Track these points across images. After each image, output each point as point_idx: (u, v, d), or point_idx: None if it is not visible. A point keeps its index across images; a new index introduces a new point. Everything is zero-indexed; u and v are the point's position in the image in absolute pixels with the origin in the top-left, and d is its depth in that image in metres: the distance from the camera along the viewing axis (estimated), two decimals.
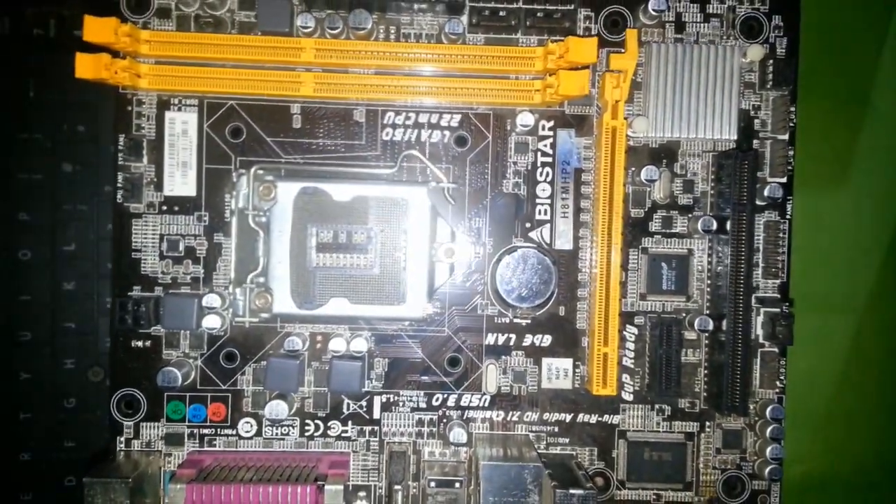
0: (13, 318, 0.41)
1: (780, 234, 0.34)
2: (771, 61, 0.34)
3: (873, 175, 0.51)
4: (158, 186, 0.34)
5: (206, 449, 0.34)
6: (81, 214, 0.41)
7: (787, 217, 0.34)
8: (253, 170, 0.34)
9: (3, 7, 0.40)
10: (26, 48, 0.40)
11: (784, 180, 0.34)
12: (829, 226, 0.50)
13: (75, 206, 0.41)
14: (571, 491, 0.30)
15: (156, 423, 0.34)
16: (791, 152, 0.34)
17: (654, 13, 0.33)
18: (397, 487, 0.33)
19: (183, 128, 0.34)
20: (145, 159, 0.34)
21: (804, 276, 0.48)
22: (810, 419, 0.50)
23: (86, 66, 0.31)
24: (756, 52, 0.34)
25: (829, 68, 0.49)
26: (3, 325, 0.41)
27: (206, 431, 0.34)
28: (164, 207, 0.34)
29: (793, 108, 0.34)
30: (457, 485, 0.32)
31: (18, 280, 0.41)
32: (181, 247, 0.34)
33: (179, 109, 0.34)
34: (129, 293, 0.34)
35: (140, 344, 0.34)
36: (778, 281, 0.34)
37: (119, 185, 0.34)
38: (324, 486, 0.31)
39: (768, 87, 0.34)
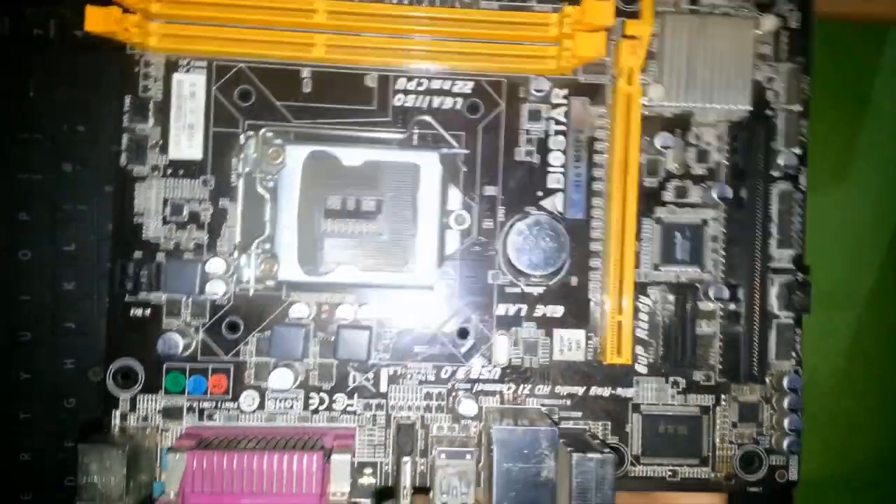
0: (13, 318, 0.41)
1: (796, 205, 0.34)
2: (786, 35, 0.34)
3: (875, 173, 0.52)
4: (164, 149, 0.33)
5: (205, 424, 0.33)
6: (81, 214, 0.41)
7: (802, 188, 0.34)
8: (261, 133, 0.33)
9: (3, 7, 0.40)
10: (26, 48, 0.41)
11: (799, 151, 0.34)
12: (831, 224, 0.50)
13: (75, 206, 0.41)
14: (589, 455, 0.29)
15: (154, 396, 0.33)
16: (804, 123, 0.34)
17: None
18: (405, 459, 0.32)
19: (191, 90, 0.33)
20: (151, 121, 0.33)
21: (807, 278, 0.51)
22: (811, 418, 0.48)
23: (96, 19, 0.31)
24: (769, 23, 0.34)
25: (833, 70, 0.50)
26: (3, 325, 0.41)
27: (205, 405, 0.33)
28: (169, 171, 0.33)
29: (806, 80, 0.34)
30: (467, 456, 0.31)
31: (18, 280, 0.41)
32: (185, 211, 0.33)
33: (188, 71, 0.33)
34: (128, 258, 0.33)
35: (139, 313, 0.33)
36: (793, 251, 0.34)
37: (123, 147, 0.33)
38: (331, 454, 0.30)
39: (784, 58, 0.34)
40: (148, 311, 0.33)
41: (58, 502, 0.41)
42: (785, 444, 0.34)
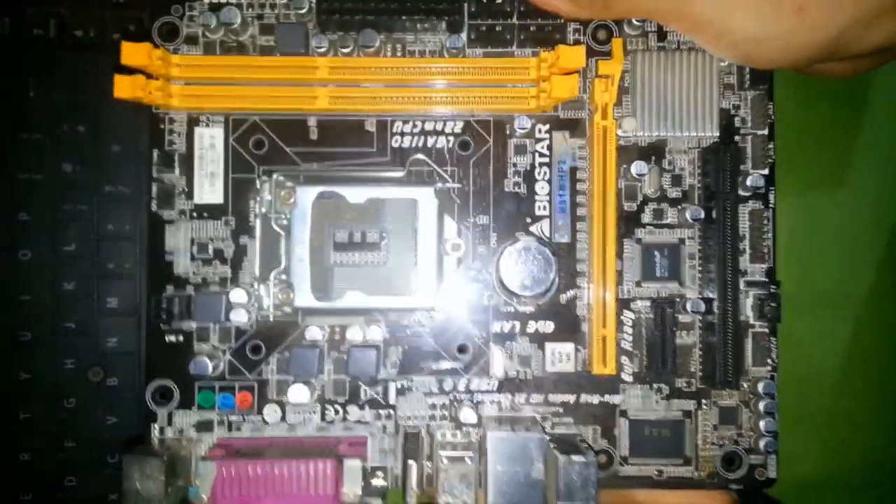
0: (13, 318, 0.40)
1: (765, 222, 0.37)
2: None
3: (872, 176, 0.51)
4: (189, 195, 0.37)
5: (234, 434, 0.37)
6: (81, 214, 0.41)
7: (771, 206, 0.37)
8: (274, 177, 0.37)
9: (3, 7, 0.40)
10: (26, 48, 0.40)
11: (766, 171, 0.37)
12: (829, 226, 0.51)
13: (75, 206, 0.41)
14: (573, 457, 0.32)
15: (188, 411, 0.37)
16: (771, 146, 0.37)
17: (636, 24, 0.36)
18: (411, 463, 0.35)
19: (211, 142, 0.37)
20: (177, 170, 0.37)
21: (805, 277, 0.50)
22: (810, 419, 0.50)
23: (123, 87, 0.34)
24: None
25: None
26: (3, 325, 0.40)
27: (233, 418, 0.37)
28: (195, 214, 0.37)
29: (770, 105, 0.37)
30: (467, 460, 0.34)
31: (18, 280, 0.40)
32: (210, 249, 0.37)
33: (207, 125, 0.37)
34: (164, 293, 0.37)
35: (173, 338, 0.37)
36: (765, 265, 0.37)
37: (153, 195, 0.37)
38: (343, 461, 0.34)
39: (746, 86, 0.37)
40: (181, 338, 0.37)
41: (58, 502, 0.41)
42: (762, 444, 0.36)
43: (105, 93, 0.36)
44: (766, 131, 0.37)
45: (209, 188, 0.37)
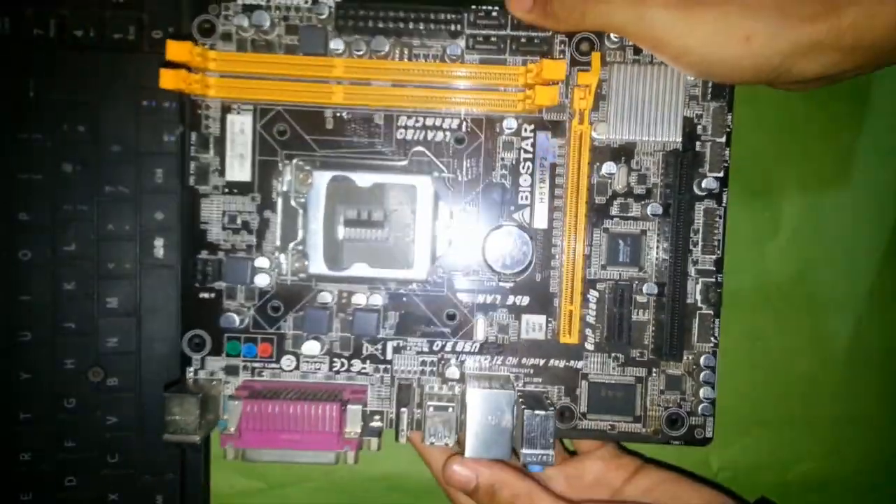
0: (13, 318, 0.40)
1: (717, 219, 0.42)
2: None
3: (873, 175, 0.51)
4: (221, 173, 0.43)
5: (256, 378, 0.43)
6: (81, 214, 0.40)
7: (723, 205, 0.42)
8: (294, 161, 0.43)
9: (3, 7, 0.40)
10: (26, 48, 0.40)
11: (720, 174, 0.42)
12: (830, 226, 0.51)
13: (75, 206, 0.40)
14: (536, 411, 0.38)
15: (217, 358, 0.43)
16: (727, 152, 0.42)
17: (615, 39, 0.41)
18: (403, 409, 0.42)
19: (241, 128, 0.43)
20: (211, 151, 0.42)
21: (804, 277, 0.52)
22: (810, 419, 0.52)
23: (168, 79, 0.39)
24: None
25: None
26: (3, 325, 0.40)
27: (256, 365, 0.43)
28: (226, 189, 0.43)
29: (729, 115, 0.42)
30: (450, 409, 0.41)
31: (18, 280, 0.40)
32: (238, 220, 0.43)
33: (238, 113, 0.43)
34: (198, 255, 0.43)
35: (206, 296, 0.43)
36: (714, 256, 0.42)
37: (191, 172, 0.43)
38: (346, 405, 0.40)
39: (708, 98, 0.42)
40: (213, 295, 0.43)
41: (58, 502, 0.41)
42: (700, 409, 0.42)
43: (105, 93, 0.38)
44: (723, 139, 0.42)
45: (239, 168, 0.43)
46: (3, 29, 0.40)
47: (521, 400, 0.40)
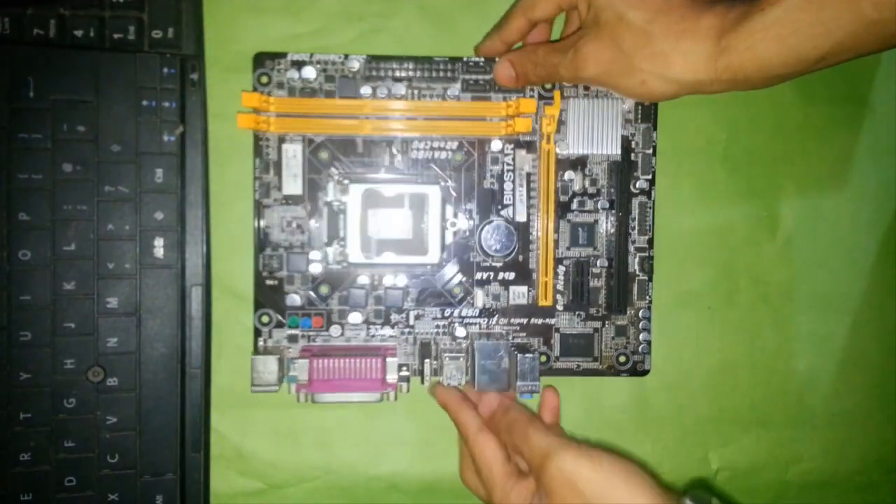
0: (13, 318, 0.39)
1: (648, 209, 0.57)
2: (640, 107, 0.56)
3: (870, 176, 0.52)
4: (279, 188, 0.53)
5: (312, 344, 0.57)
6: (81, 214, 0.40)
7: (653, 199, 0.57)
8: (335, 178, 0.56)
9: (3, 7, 0.39)
10: (26, 48, 0.39)
11: (649, 177, 0.57)
12: (828, 227, 0.52)
13: (75, 206, 0.40)
14: (526, 355, 0.53)
15: (282, 329, 0.55)
16: (653, 160, 0.57)
17: None
18: (426, 361, 0.56)
19: (293, 153, 0.53)
20: (271, 172, 0.54)
21: (802, 277, 0.53)
22: (809, 419, 0.52)
23: (246, 121, 0.50)
24: (630, 102, 0.56)
25: (833, 71, 0.46)
26: (3, 325, 0.39)
27: (311, 334, 0.55)
28: (283, 201, 0.53)
29: (654, 133, 0.57)
30: (460, 358, 0.55)
31: (18, 280, 0.39)
32: (294, 224, 0.53)
33: (291, 143, 0.53)
34: (265, 252, 0.56)
35: (271, 283, 0.54)
36: (646, 237, 0.58)
37: (256, 189, 0.55)
38: (386, 359, 0.54)
39: (639, 121, 0.57)
40: (277, 283, 0.53)
41: (57, 502, 0.40)
42: (640, 348, 0.57)
43: (105, 93, 0.36)
44: (650, 151, 0.57)
45: (293, 184, 0.52)
46: (3, 29, 0.39)
47: (513, 348, 0.55)
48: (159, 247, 0.45)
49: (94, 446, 0.42)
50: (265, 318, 0.55)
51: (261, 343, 0.55)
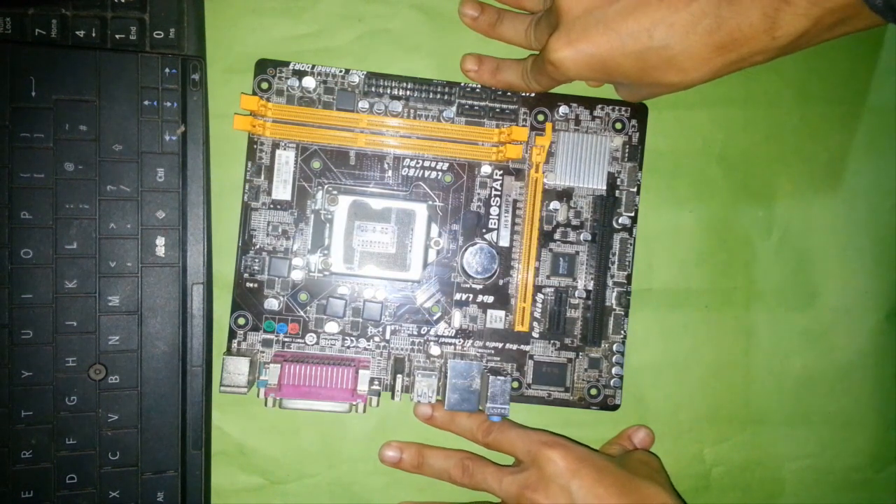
0: (15, 317, 0.39)
1: (629, 246, 0.59)
2: (628, 146, 0.59)
3: (865, 176, 0.52)
4: (269, 193, 0.56)
5: (286, 350, 0.57)
6: (83, 213, 0.40)
7: (633, 237, 0.59)
8: (325, 187, 0.57)
9: (4, 7, 0.39)
10: (26, 48, 0.39)
11: (631, 214, 0.59)
12: (823, 226, 0.52)
13: (77, 205, 0.40)
14: (498, 378, 0.53)
15: (257, 333, 0.56)
16: (637, 198, 0.59)
17: (562, 114, 0.58)
18: (398, 376, 0.56)
19: (286, 160, 0.56)
20: (263, 176, 0.56)
21: (797, 276, 0.53)
22: (804, 416, 0.53)
23: (241, 123, 0.53)
24: (618, 140, 0.58)
25: (829, 71, 0.48)
26: (4, 323, 0.39)
27: (286, 340, 0.56)
28: (272, 206, 0.56)
29: (639, 173, 0.59)
30: (433, 376, 0.55)
31: (20, 278, 0.39)
32: (280, 229, 0.56)
33: (284, 149, 0.55)
34: (248, 254, 0.56)
35: (251, 285, 0.56)
36: (626, 272, 0.59)
37: (245, 191, 0.56)
38: (358, 370, 0.54)
39: (626, 160, 0.59)
40: (256, 286, 0.55)
41: (59, 500, 0.40)
42: (612, 383, 0.58)
43: (106, 92, 0.36)
44: (635, 189, 0.59)
45: (282, 190, 0.55)
46: (4, 29, 0.39)
47: (486, 369, 0.55)
48: (160, 245, 0.46)
49: (95, 444, 0.42)
50: (241, 320, 0.55)
51: (234, 345, 0.55)
